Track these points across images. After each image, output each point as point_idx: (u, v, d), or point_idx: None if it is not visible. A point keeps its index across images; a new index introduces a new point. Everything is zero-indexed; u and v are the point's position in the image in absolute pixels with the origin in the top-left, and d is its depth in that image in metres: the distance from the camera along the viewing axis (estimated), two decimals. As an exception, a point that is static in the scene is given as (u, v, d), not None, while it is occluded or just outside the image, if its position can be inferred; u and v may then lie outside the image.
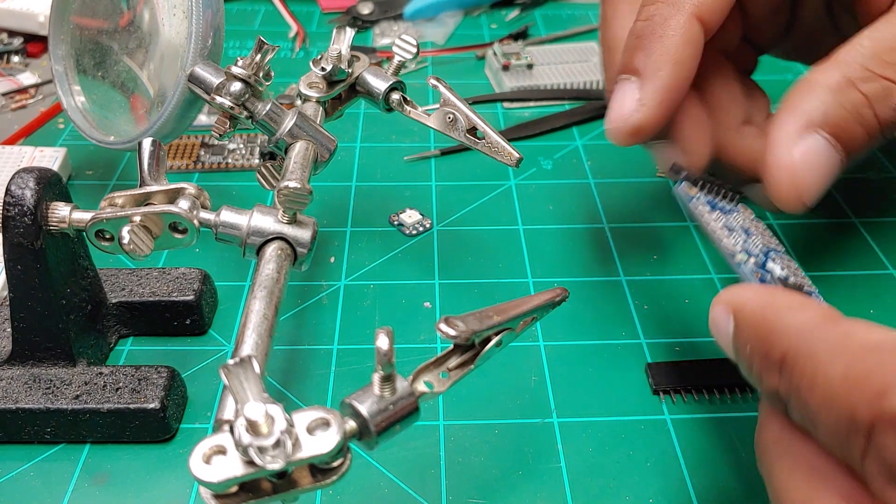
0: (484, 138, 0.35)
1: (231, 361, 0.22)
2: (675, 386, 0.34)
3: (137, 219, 0.30)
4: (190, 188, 0.31)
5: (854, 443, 0.20)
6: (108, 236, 0.30)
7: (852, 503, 0.21)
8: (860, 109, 0.29)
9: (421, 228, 0.43)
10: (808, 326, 0.23)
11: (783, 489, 0.23)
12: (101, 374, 0.32)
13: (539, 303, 0.27)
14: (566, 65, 0.57)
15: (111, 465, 0.31)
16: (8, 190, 0.29)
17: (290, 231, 0.31)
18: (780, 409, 0.24)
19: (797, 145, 0.29)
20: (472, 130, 0.35)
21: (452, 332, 0.24)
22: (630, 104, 0.31)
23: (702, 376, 0.34)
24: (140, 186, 0.31)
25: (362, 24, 0.64)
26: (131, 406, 0.31)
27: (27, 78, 0.55)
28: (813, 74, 0.30)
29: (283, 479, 0.23)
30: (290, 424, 0.21)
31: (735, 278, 0.30)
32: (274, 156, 0.36)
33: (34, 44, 0.58)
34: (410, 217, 0.44)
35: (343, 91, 0.38)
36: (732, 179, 0.34)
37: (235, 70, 0.34)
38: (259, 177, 0.36)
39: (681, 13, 0.32)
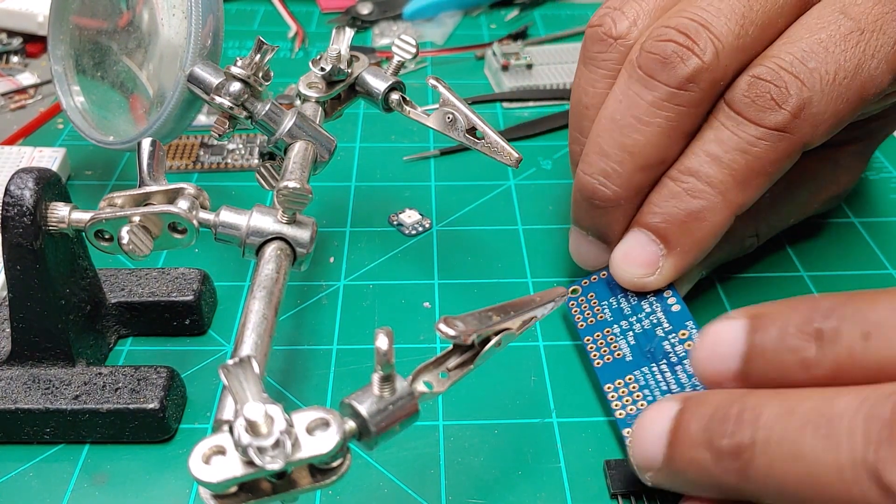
0: (483, 138, 0.35)
1: (230, 361, 0.22)
2: (636, 489, 0.29)
3: (137, 219, 0.30)
4: (189, 188, 0.31)
5: None
6: (107, 236, 0.30)
7: None
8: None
9: (420, 228, 0.43)
10: None
11: None
12: (100, 374, 0.32)
13: (539, 303, 0.27)
14: (566, 65, 0.57)
15: (110, 465, 0.31)
16: (7, 190, 0.29)
17: (289, 231, 0.31)
18: None
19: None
20: (472, 130, 0.35)
21: (452, 333, 0.24)
22: (647, 266, 0.33)
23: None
24: (139, 186, 0.31)
25: (361, 25, 0.64)
26: (130, 406, 0.31)
27: (26, 78, 0.55)
28: None
29: (283, 480, 0.22)
30: (290, 425, 0.21)
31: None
32: (273, 156, 0.36)
33: (33, 44, 0.58)
34: (410, 217, 0.44)
35: (342, 91, 0.38)
36: None
37: (235, 70, 0.34)
38: (258, 177, 0.36)
39: (728, 210, 0.32)
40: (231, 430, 0.21)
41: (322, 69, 0.36)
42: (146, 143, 0.31)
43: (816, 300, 0.25)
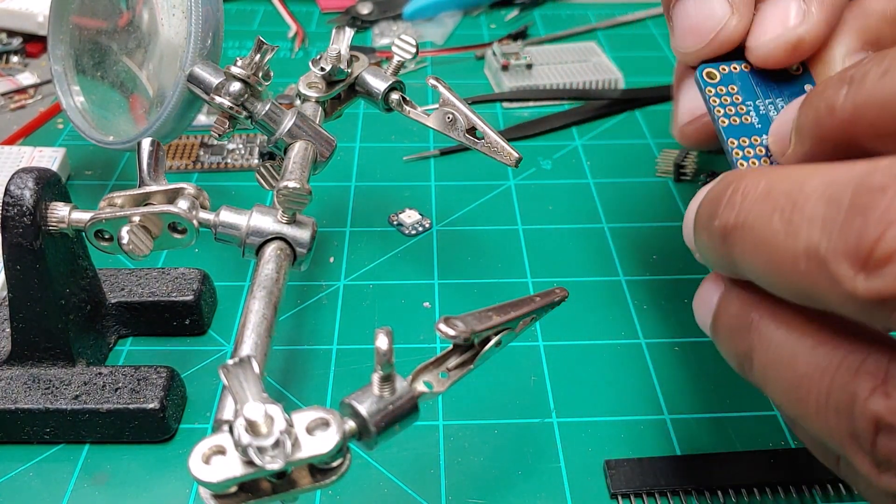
0: (483, 138, 0.35)
1: (230, 361, 0.22)
2: (635, 489, 0.30)
3: (136, 219, 0.30)
4: (189, 188, 0.31)
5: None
6: (107, 236, 0.30)
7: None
8: None
9: (420, 228, 0.43)
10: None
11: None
12: (100, 374, 0.32)
13: (539, 303, 0.27)
14: (565, 65, 0.57)
15: (110, 465, 0.31)
16: (7, 190, 0.29)
17: (289, 231, 0.31)
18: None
19: None
20: (472, 130, 0.35)
21: (452, 332, 0.24)
22: (791, 14, 0.28)
23: (665, 477, 0.30)
24: (139, 186, 0.31)
25: (361, 24, 0.64)
26: (131, 406, 0.31)
27: (26, 78, 0.55)
28: None
29: (283, 480, 0.22)
30: (290, 424, 0.21)
31: None
32: (273, 156, 0.36)
33: (33, 44, 0.58)
34: (410, 217, 0.44)
35: (342, 91, 0.38)
36: None
37: (234, 70, 0.34)
38: (258, 177, 0.36)
39: None
40: (231, 430, 0.21)
41: (322, 69, 0.36)
42: (146, 143, 0.32)
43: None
